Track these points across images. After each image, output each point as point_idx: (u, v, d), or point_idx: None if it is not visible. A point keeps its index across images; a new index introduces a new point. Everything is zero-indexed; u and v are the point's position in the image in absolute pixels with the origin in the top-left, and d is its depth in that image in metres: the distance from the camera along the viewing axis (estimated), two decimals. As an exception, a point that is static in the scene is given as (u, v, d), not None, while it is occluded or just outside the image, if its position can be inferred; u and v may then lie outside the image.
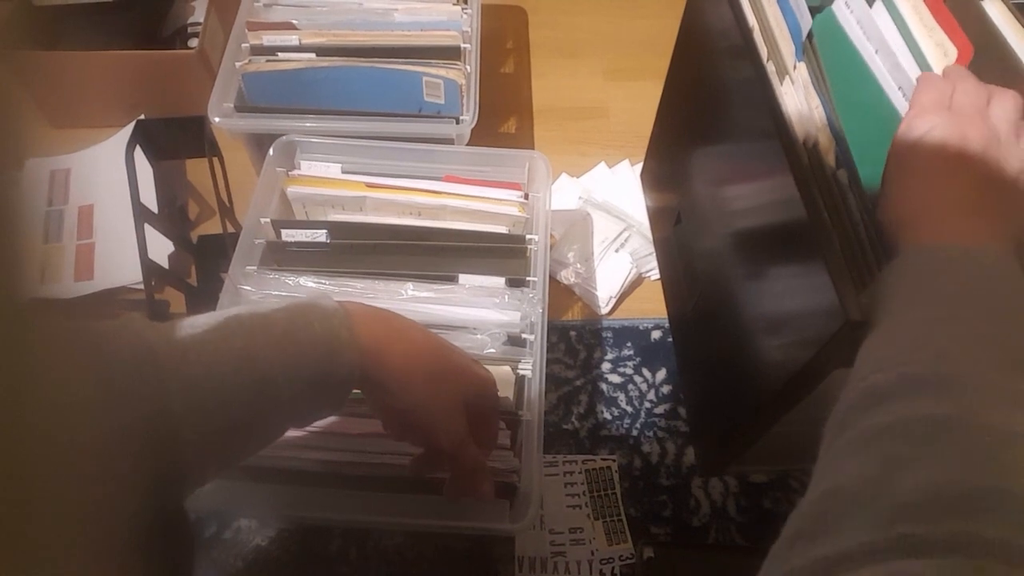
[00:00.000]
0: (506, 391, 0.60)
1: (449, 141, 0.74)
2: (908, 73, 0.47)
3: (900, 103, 0.47)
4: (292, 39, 0.79)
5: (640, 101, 0.91)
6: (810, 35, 0.48)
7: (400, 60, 0.77)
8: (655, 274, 0.83)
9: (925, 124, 0.40)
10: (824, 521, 0.30)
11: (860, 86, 0.49)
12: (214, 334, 0.40)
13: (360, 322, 0.43)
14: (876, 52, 0.49)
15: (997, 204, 0.39)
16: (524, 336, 0.62)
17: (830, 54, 0.52)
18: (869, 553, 0.27)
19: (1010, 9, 0.51)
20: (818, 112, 0.44)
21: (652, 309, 0.81)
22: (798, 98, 0.46)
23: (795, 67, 0.47)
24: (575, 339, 0.78)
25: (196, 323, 0.40)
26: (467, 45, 0.78)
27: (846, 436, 0.33)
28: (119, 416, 0.34)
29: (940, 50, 0.47)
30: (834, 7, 0.53)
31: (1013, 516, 0.27)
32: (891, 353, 0.35)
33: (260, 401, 0.40)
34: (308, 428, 0.54)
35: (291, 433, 0.54)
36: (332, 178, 0.72)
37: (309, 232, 0.67)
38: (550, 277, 0.75)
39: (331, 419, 0.55)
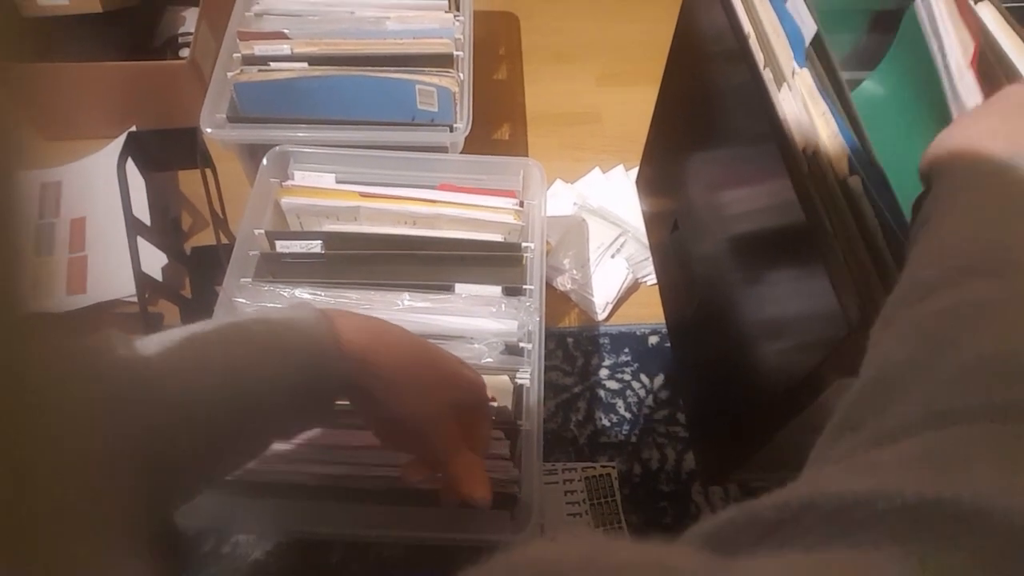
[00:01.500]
0: (504, 400, 0.59)
1: (443, 149, 0.73)
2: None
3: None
4: (284, 48, 0.79)
5: (633, 106, 0.91)
6: (816, 41, 0.47)
7: (393, 68, 0.77)
8: (651, 279, 0.83)
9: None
10: (866, 408, 0.29)
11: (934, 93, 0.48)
12: (194, 347, 0.39)
13: (345, 330, 0.42)
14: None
15: None
16: (521, 345, 0.62)
17: (910, 56, 0.51)
18: (903, 429, 0.26)
19: (1002, 13, 0.52)
20: (825, 119, 0.44)
21: (649, 314, 0.81)
22: (796, 105, 0.45)
23: (794, 74, 0.47)
24: (572, 345, 0.78)
25: (174, 336, 0.39)
26: (460, 53, 0.78)
27: (892, 330, 0.32)
28: (101, 436, 0.33)
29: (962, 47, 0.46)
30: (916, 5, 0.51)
31: None
32: (937, 250, 0.34)
33: (243, 413, 0.39)
34: (306, 441, 0.54)
35: (289, 447, 0.54)
36: (326, 188, 0.71)
37: (304, 243, 0.67)
38: (546, 284, 0.75)
39: (329, 432, 0.55)
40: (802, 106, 0.46)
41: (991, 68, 0.47)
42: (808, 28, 0.47)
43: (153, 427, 0.35)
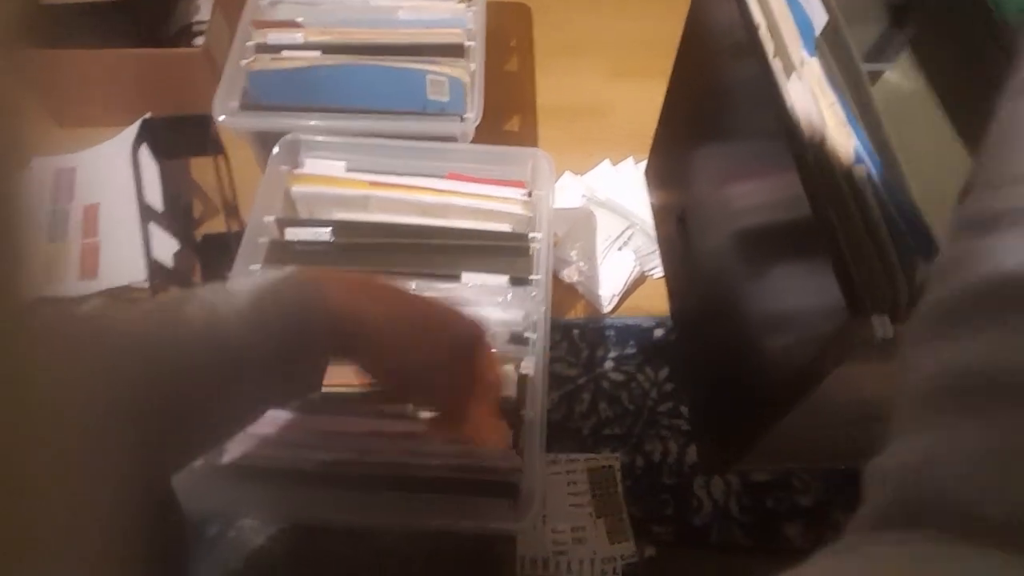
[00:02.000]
0: (509, 390, 0.60)
1: (453, 139, 0.74)
2: None
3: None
4: (297, 37, 0.79)
5: (644, 99, 0.91)
6: (829, 31, 0.47)
7: (404, 58, 0.77)
8: (658, 272, 0.83)
9: None
10: (914, 508, 0.21)
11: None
12: (176, 309, 0.38)
13: (333, 287, 0.42)
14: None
15: None
16: (526, 335, 0.62)
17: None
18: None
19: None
20: (833, 109, 0.44)
21: (655, 307, 0.81)
22: (805, 95, 0.45)
23: (803, 63, 0.47)
24: (578, 337, 0.78)
25: (159, 301, 0.39)
26: (471, 43, 0.78)
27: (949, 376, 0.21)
28: (96, 405, 0.33)
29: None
30: None
31: None
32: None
33: (230, 375, 0.38)
34: (310, 428, 0.55)
35: (293, 433, 0.54)
36: (336, 177, 0.72)
37: (313, 231, 0.67)
38: (553, 275, 0.75)
39: (332, 418, 0.55)
40: (811, 96, 0.45)
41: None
42: (819, 17, 0.47)
43: (137, 395, 0.35)
